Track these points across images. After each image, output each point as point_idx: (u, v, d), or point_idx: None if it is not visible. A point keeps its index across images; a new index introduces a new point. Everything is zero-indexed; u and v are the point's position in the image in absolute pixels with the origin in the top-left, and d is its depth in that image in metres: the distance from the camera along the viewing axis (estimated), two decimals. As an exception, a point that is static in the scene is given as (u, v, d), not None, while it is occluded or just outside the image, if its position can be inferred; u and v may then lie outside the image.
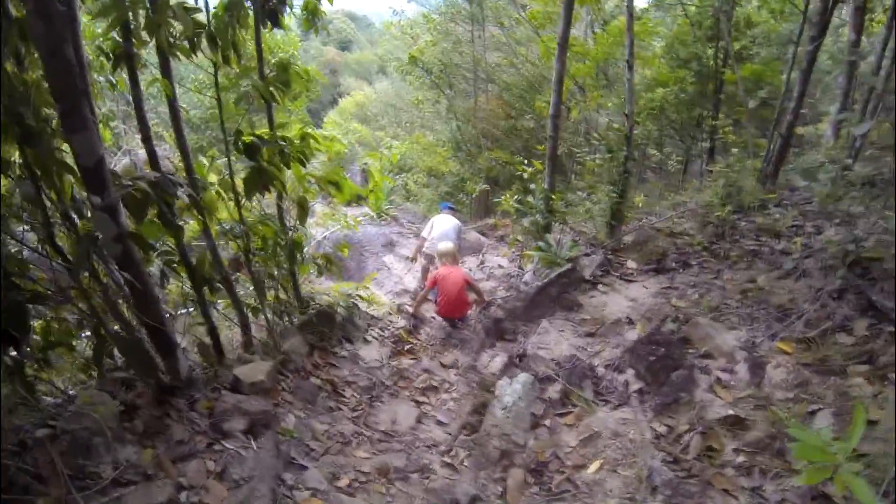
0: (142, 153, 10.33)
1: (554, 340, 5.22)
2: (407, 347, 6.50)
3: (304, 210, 4.73)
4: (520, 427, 4.03)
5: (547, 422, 4.18)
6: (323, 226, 12.92)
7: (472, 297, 6.73)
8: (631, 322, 5.31)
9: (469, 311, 6.80)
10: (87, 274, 3.22)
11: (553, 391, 4.45)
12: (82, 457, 2.62)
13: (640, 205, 8.29)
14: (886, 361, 3.90)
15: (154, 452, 3.04)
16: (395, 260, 10.45)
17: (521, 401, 4.15)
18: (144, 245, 3.29)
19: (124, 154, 9.75)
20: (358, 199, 15.84)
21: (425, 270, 8.34)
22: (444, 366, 5.81)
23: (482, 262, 9.24)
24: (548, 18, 10.50)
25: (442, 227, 8.00)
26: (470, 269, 8.91)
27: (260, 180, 3.96)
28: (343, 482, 3.62)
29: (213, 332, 4.86)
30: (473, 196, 12.25)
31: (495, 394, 4.36)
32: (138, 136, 10.22)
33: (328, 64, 25.92)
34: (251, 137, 3.96)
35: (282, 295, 5.95)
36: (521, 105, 13.12)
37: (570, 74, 9.71)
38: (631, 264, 6.39)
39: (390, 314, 7.23)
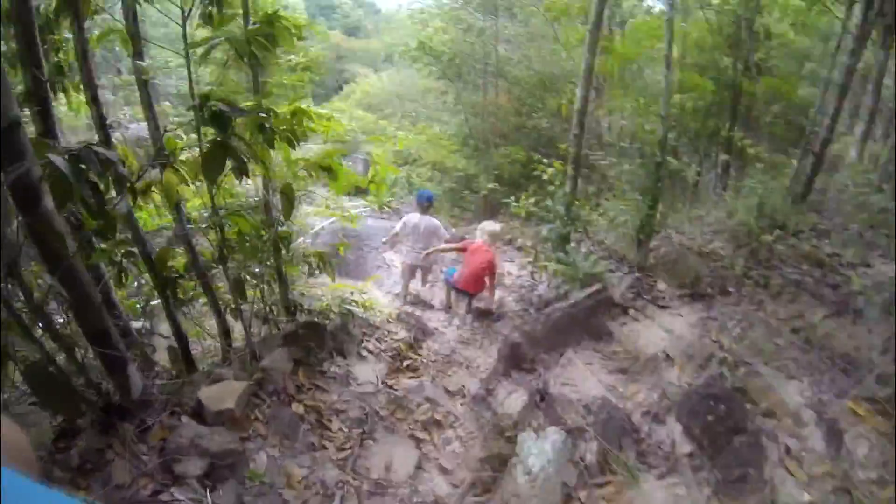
0: (133, 128, 9.26)
1: (581, 376, 4.28)
2: (407, 363, 5.58)
3: (289, 200, 3.77)
4: (548, 501, 3.09)
5: (582, 494, 3.24)
6: (322, 216, 11.97)
7: (487, 281, 6.37)
8: (669, 359, 4.39)
9: (482, 293, 6.48)
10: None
11: (587, 451, 3.51)
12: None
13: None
14: None
15: (86, 498, 2.18)
16: (396, 257, 9.44)
17: (550, 465, 3.22)
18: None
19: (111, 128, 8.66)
20: (358, 190, 14.85)
21: (408, 277, 7.55)
22: (449, 392, 4.88)
23: (490, 267, 8.30)
24: (564, 10, 9.47)
25: (416, 234, 7.10)
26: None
27: (224, 158, 2.98)
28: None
29: (181, 338, 4.00)
30: (481, 194, 11.24)
31: (516, 450, 3.41)
32: (126, 109, 9.06)
33: (334, 48, 24.74)
34: (219, 104, 2.98)
35: (267, 297, 5.06)
36: (533, 102, 12.11)
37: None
38: (662, 287, 5.46)
39: (389, 322, 6.29)
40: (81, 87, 3.05)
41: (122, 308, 3.93)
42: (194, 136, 3.32)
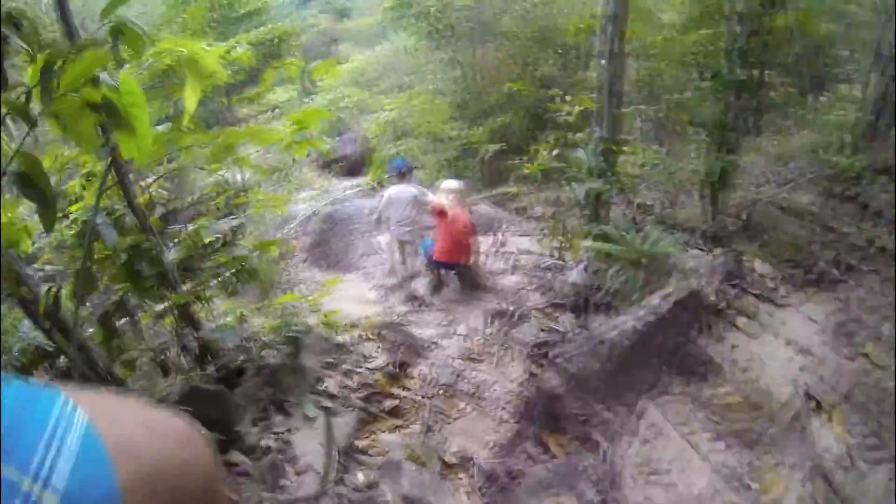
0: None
1: (674, 452, 2.16)
2: (389, 406, 3.51)
3: (36, 189, 1.62)
4: None
5: None
6: (314, 200, 9.92)
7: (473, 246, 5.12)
8: (813, 401, 2.24)
9: (470, 260, 5.13)
10: None
11: None
12: None
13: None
14: None
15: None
16: (390, 241, 7.27)
17: None
18: None
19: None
20: (353, 170, 12.72)
21: (400, 254, 6.08)
22: (446, 468, 2.77)
23: (502, 245, 6.13)
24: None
25: (399, 206, 5.65)
26: (486, 255, 5.82)
27: None
28: None
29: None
30: (484, 158, 8.96)
31: None
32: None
33: (325, 32, 22.25)
34: None
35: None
36: (537, 51, 9.70)
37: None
38: (762, 268, 3.25)
39: (368, 339, 4.20)
40: None
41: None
42: None
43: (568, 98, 4.37)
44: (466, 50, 10.29)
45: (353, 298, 5.78)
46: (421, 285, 5.40)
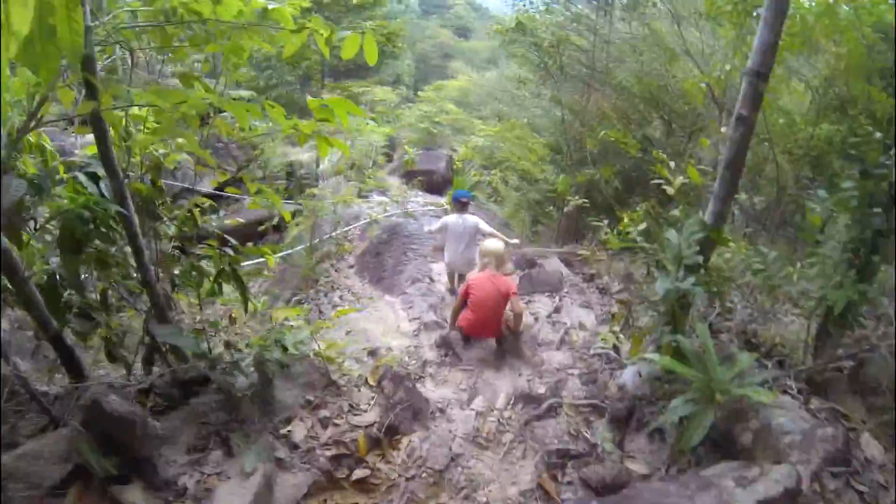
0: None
1: None
2: (358, 475, 2.86)
3: None
4: None
5: None
6: (381, 206, 9.43)
7: (508, 315, 4.36)
8: None
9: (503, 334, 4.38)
10: None
11: None
12: None
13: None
14: None
15: None
16: (444, 270, 6.62)
17: None
18: None
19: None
20: (434, 187, 12.22)
21: (450, 283, 6.14)
22: None
23: (557, 311, 5.37)
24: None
25: (455, 236, 5.60)
26: (536, 318, 5.10)
27: None
28: None
29: None
30: (565, 210, 8.14)
31: None
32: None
33: (440, 46, 22.47)
34: None
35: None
36: (645, 109, 8.84)
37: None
38: (871, 446, 2.37)
39: (368, 385, 3.55)
40: None
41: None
42: None
43: (671, 163, 3.58)
44: (572, 93, 9.60)
45: (384, 323, 5.19)
46: (456, 335, 4.70)
